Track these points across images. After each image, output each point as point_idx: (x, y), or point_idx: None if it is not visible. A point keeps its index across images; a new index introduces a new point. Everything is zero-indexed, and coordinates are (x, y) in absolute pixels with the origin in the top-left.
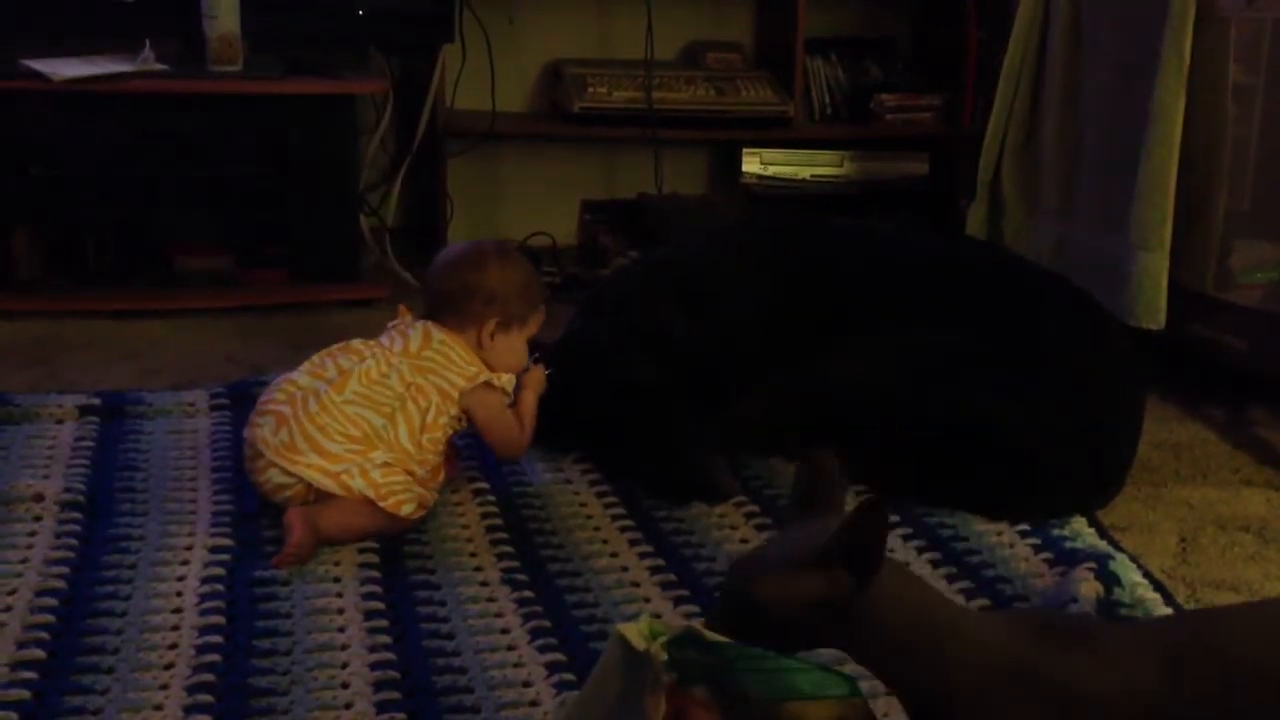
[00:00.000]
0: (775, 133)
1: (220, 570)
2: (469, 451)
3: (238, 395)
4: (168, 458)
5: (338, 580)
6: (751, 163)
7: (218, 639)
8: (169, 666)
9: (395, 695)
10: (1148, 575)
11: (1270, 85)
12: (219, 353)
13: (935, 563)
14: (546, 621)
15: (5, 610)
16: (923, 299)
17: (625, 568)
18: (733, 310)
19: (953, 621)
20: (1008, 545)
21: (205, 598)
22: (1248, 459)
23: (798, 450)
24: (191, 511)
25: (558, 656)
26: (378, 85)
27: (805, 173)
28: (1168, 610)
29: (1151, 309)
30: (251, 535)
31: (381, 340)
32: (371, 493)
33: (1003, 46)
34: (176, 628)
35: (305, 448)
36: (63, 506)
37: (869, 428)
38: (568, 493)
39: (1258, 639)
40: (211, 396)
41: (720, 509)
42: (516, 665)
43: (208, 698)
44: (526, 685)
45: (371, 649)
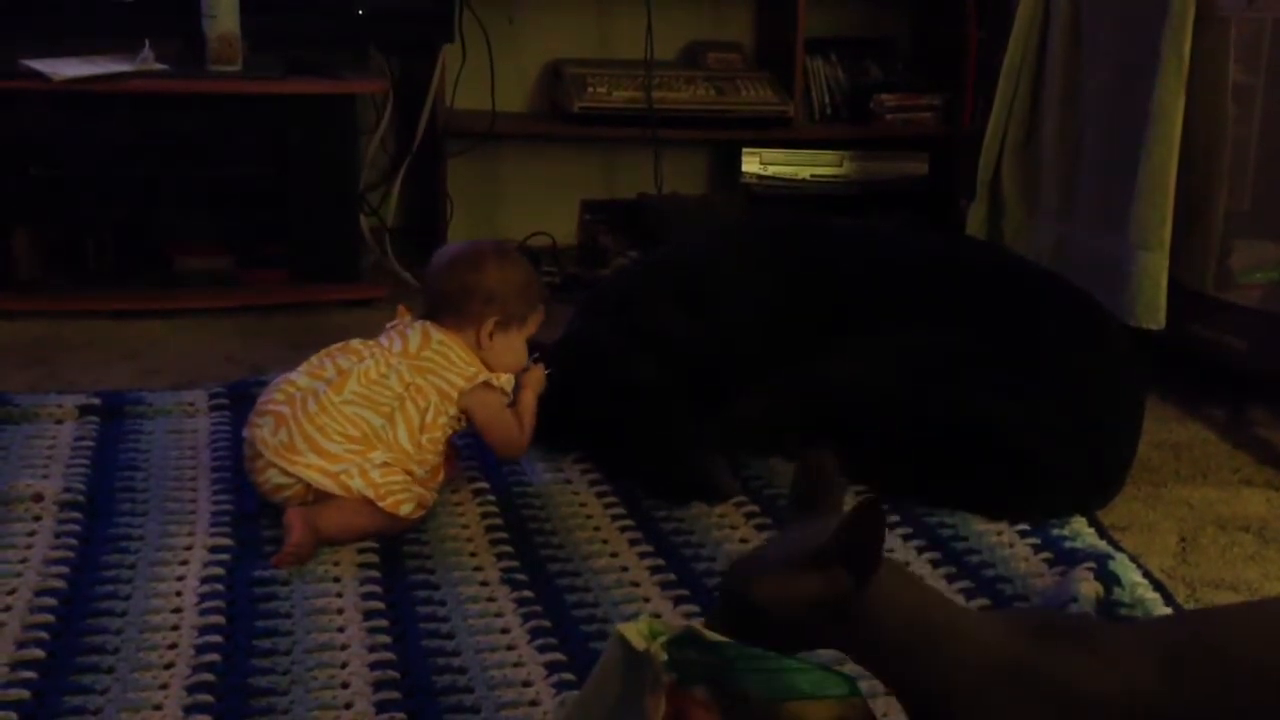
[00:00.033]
0: (775, 133)
1: (220, 570)
2: (469, 451)
3: (237, 395)
4: (167, 458)
5: (337, 580)
6: (751, 163)
7: (217, 639)
8: (169, 666)
9: (395, 695)
10: (1147, 575)
11: (1270, 85)
12: (219, 353)
13: (935, 562)
14: (546, 621)
15: (5, 610)
16: (923, 299)
17: (625, 568)
18: (733, 310)
19: (951, 621)
20: (1007, 545)
21: (205, 597)
22: (1248, 459)
23: (798, 450)
24: (191, 511)
25: (557, 656)
26: (378, 85)
27: (805, 173)
28: (1167, 610)
29: (1151, 309)
30: (251, 535)
31: (380, 340)
32: (371, 493)
33: (1003, 46)
34: (176, 627)
35: (304, 448)
36: (62, 506)
37: (869, 428)
38: (567, 493)
39: (1258, 639)
40: (211, 396)
41: (720, 509)
42: (516, 665)
43: (207, 697)
44: (526, 685)
45: (371, 649)
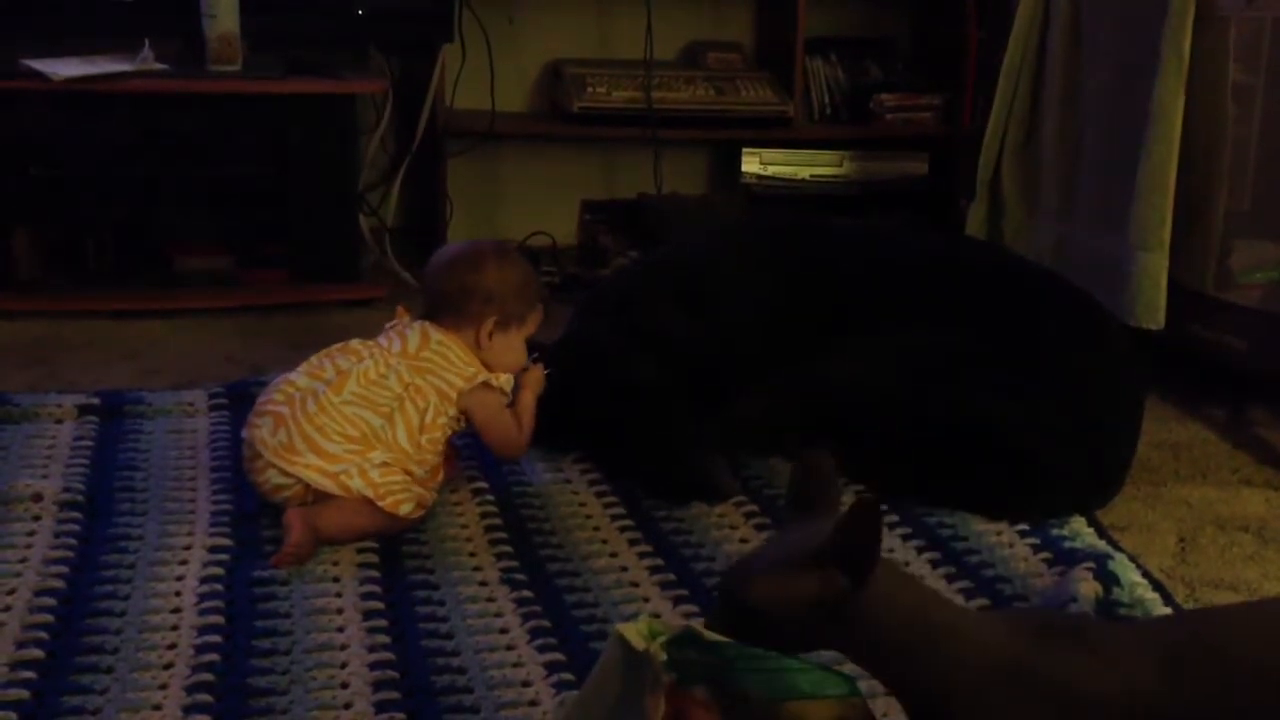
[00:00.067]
0: (775, 133)
1: (219, 570)
2: (468, 451)
3: (237, 395)
4: (167, 457)
5: (337, 580)
6: (751, 163)
7: (217, 639)
8: (168, 666)
9: (394, 695)
10: (1147, 575)
11: (1270, 85)
12: (219, 353)
13: (934, 562)
14: (546, 621)
15: (4, 610)
16: (923, 299)
17: (625, 568)
18: (733, 310)
19: (950, 621)
20: (1007, 545)
21: (204, 597)
22: (1247, 459)
23: (797, 450)
24: (190, 511)
25: (557, 656)
26: (378, 85)
27: (805, 173)
28: (1167, 610)
29: (1151, 309)
30: (250, 535)
31: (380, 341)
32: (370, 492)
33: (1003, 46)
34: (175, 627)
35: (304, 448)
36: (62, 506)
37: (869, 428)
38: (567, 493)
39: (1257, 639)
40: (210, 396)
41: (720, 509)
42: (516, 665)
43: (207, 698)
44: (526, 685)
45: (371, 649)
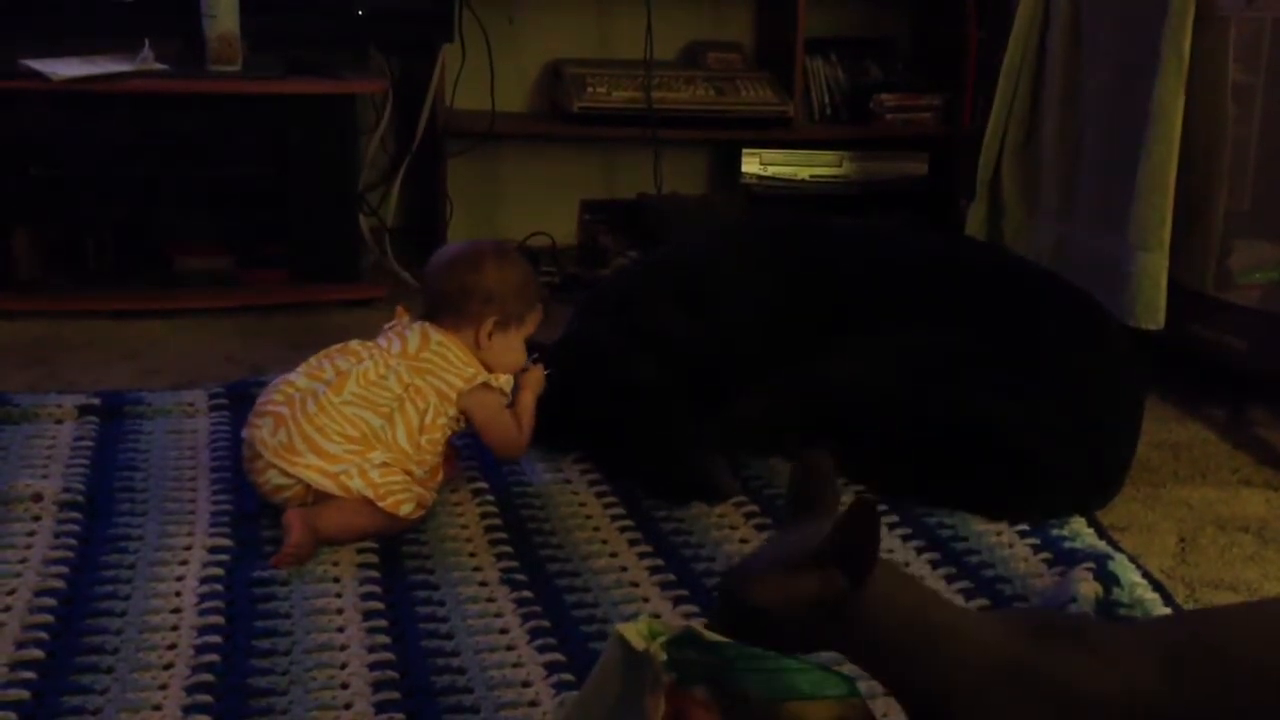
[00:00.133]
0: (775, 133)
1: (219, 570)
2: (468, 452)
3: (237, 395)
4: (167, 458)
5: (337, 580)
6: (751, 163)
7: (217, 639)
8: (168, 666)
9: (394, 695)
10: (1147, 575)
11: (1270, 85)
12: (219, 353)
13: (934, 563)
14: (546, 622)
15: (4, 610)
16: (923, 299)
17: (624, 568)
18: (733, 310)
19: (950, 621)
20: (1007, 545)
21: (204, 598)
22: (1247, 459)
23: (797, 450)
24: (190, 512)
25: (557, 657)
26: (378, 85)
27: (805, 173)
28: (1167, 610)
29: (1151, 309)
30: (250, 535)
31: (379, 342)
32: (370, 493)
33: (1003, 46)
34: (175, 628)
35: (304, 448)
36: (62, 506)
37: (869, 428)
38: (567, 493)
39: (1257, 639)
40: (211, 396)
41: (720, 509)
42: (515, 665)
43: (207, 698)
44: (525, 685)
45: (370, 649)
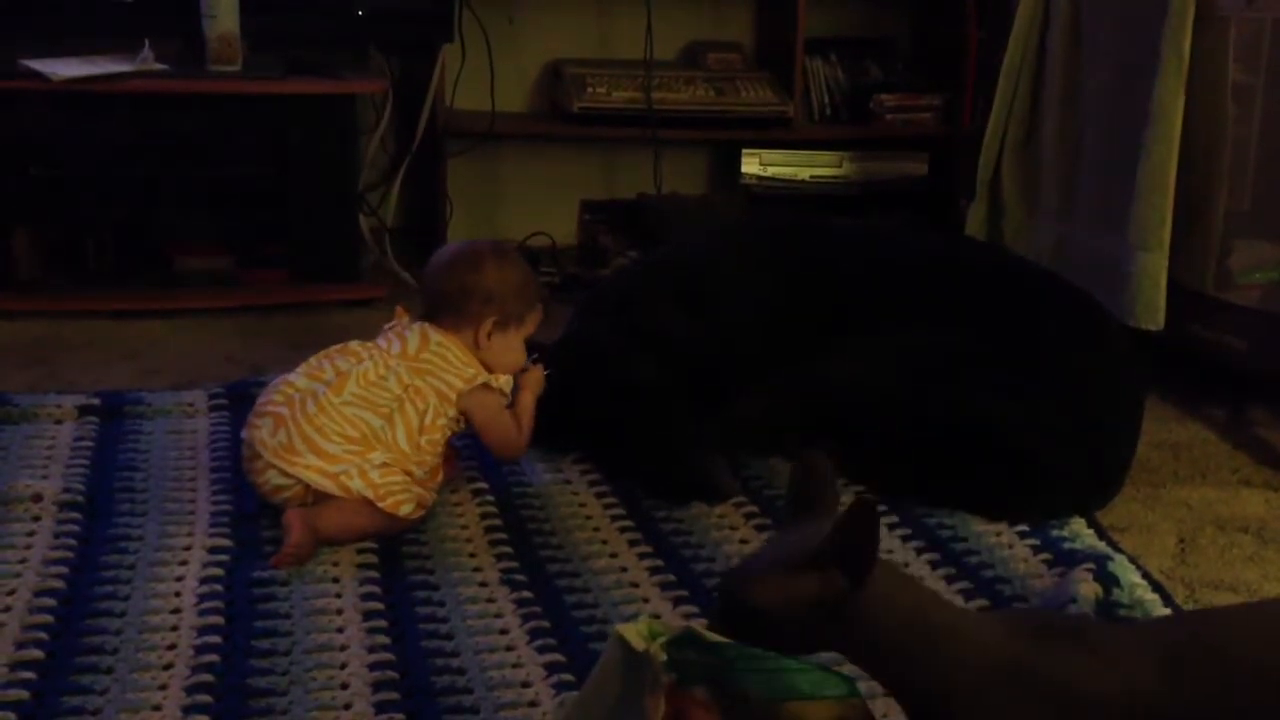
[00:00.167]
0: (775, 133)
1: (219, 570)
2: (468, 452)
3: (236, 395)
4: (167, 458)
5: (336, 581)
6: (751, 163)
7: (216, 639)
8: (168, 667)
9: (394, 696)
10: (1146, 576)
11: (1270, 85)
12: (219, 353)
13: (934, 563)
14: (545, 622)
15: (4, 610)
16: (923, 299)
17: (624, 568)
18: (733, 310)
19: (949, 622)
20: (1007, 546)
21: (204, 598)
22: (1247, 459)
23: (797, 450)
24: (190, 512)
25: (557, 657)
26: (378, 85)
27: (805, 173)
28: (1166, 611)
29: (1151, 309)
30: (250, 536)
31: (379, 342)
32: (370, 493)
33: (1003, 46)
34: (175, 628)
35: (303, 449)
36: (61, 507)
37: (869, 428)
38: (567, 493)
39: (1257, 639)
40: (210, 397)
41: (720, 509)
42: (515, 666)
43: (206, 698)
44: (525, 686)
45: (370, 649)
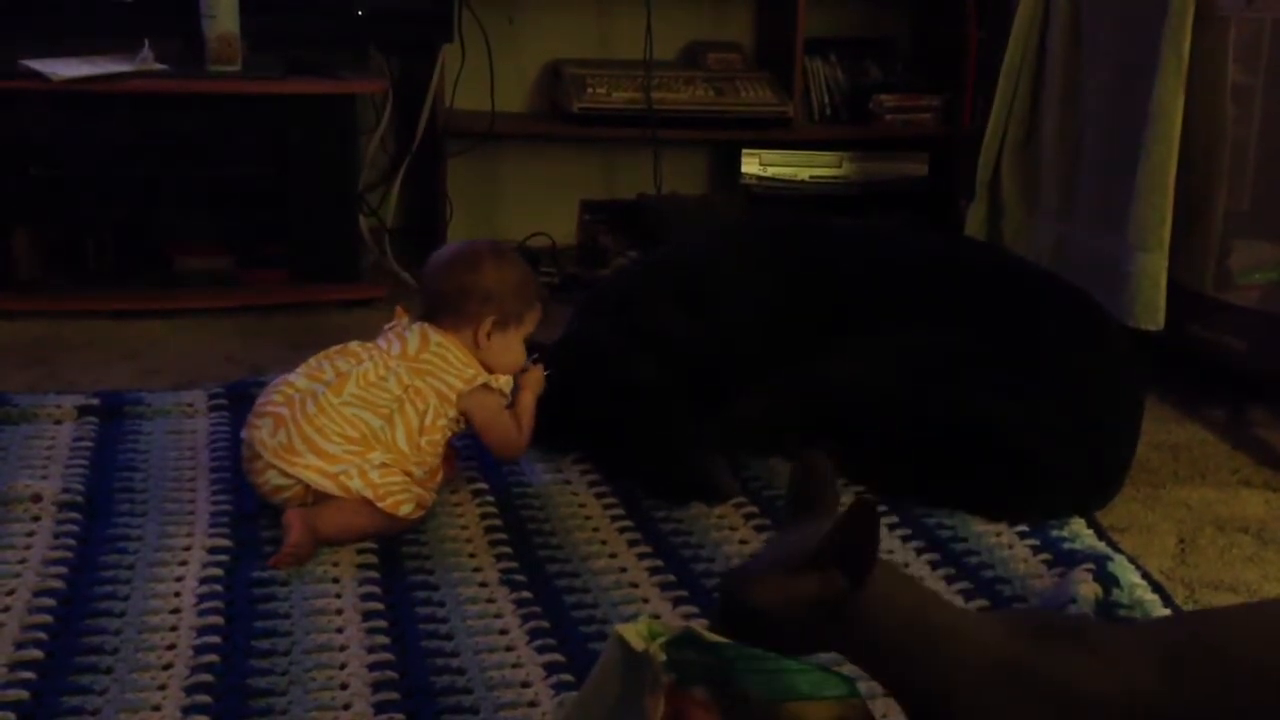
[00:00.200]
0: (775, 133)
1: (219, 571)
2: (468, 452)
3: (236, 395)
4: (166, 458)
5: (336, 581)
6: (751, 163)
7: (216, 639)
8: (167, 667)
9: (394, 696)
10: (1146, 576)
11: (1270, 85)
12: (219, 353)
13: (934, 564)
14: (545, 622)
15: (3, 610)
16: (923, 299)
17: (624, 568)
18: (733, 310)
19: (949, 622)
20: (1007, 546)
21: (204, 598)
22: (1247, 460)
23: (797, 450)
24: (190, 512)
25: (556, 657)
26: (377, 85)
27: (805, 173)
28: (1166, 611)
29: (1150, 309)
30: (250, 536)
31: (379, 343)
32: (370, 493)
33: (1003, 46)
34: (175, 628)
35: (303, 449)
36: (61, 507)
37: (869, 428)
38: (567, 493)
39: (1257, 639)
40: (210, 397)
41: (719, 509)
42: (515, 666)
43: (206, 698)
44: (525, 686)
45: (370, 649)
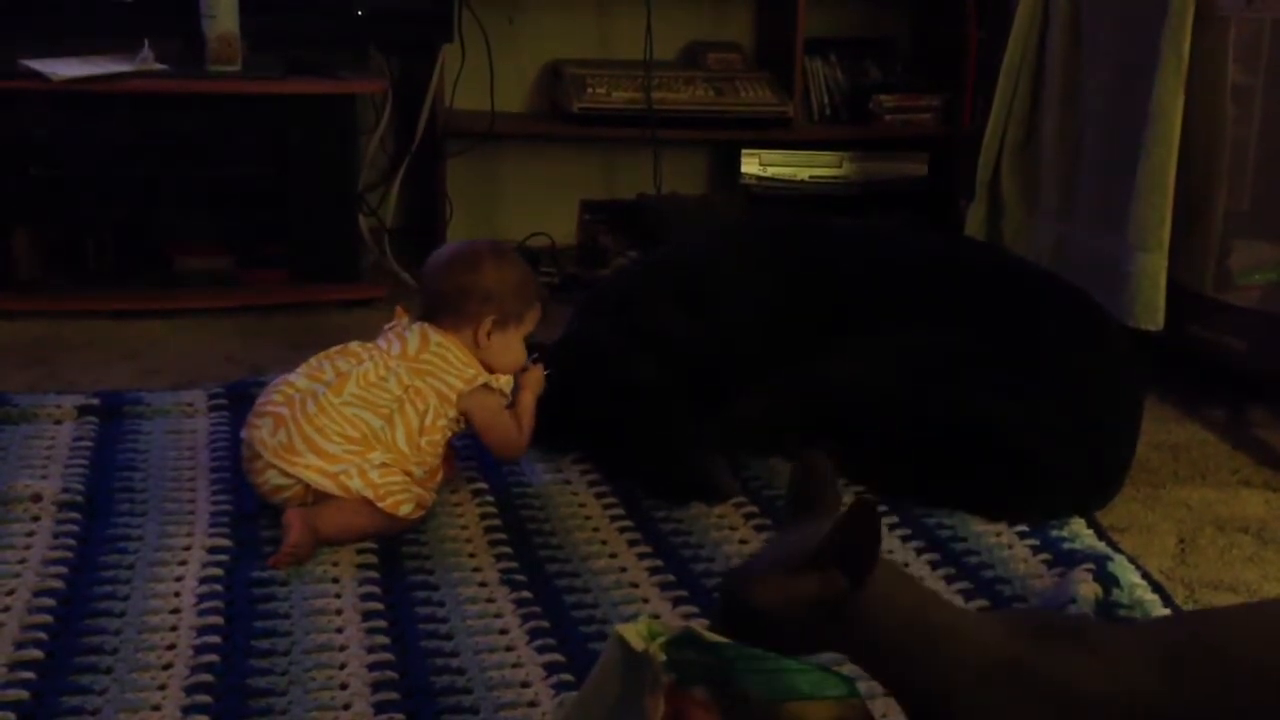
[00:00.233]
0: (774, 133)
1: (218, 571)
2: (468, 452)
3: (236, 395)
4: (166, 458)
5: (336, 581)
6: (751, 163)
7: (216, 639)
8: (167, 667)
9: (394, 696)
10: (1146, 576)
11: (1269, 85)
12: (219, 353)
13: (934, 564)
14: (545, 622)
15: (3, 610)
16: (923, 299)
17: (624, 568)
18: (733, 310)
19: (950, 621)
20: (1006, 546)
21: (203, 598)
22: (1246, 460)
23: (797, 450)
24: (190, 512)
25: (556, 657)
26: (377, 85)
27: (804, 173)
28: (1166, 611)
29: (1150, 309)
30: (250, 536)
31: (379, 343)
32: (370, 493)
33: (1003, 46)
34: (175, 628)
35: (303, 449)
36: (61, 507)
37: (869, 428)
38: (566, 493)
39: (1257, 639)
40: (210, 397)
41: (719, 509)
42: (515, 666)
43: (206, 698)
44: (525, 686)
45: (370, 649)
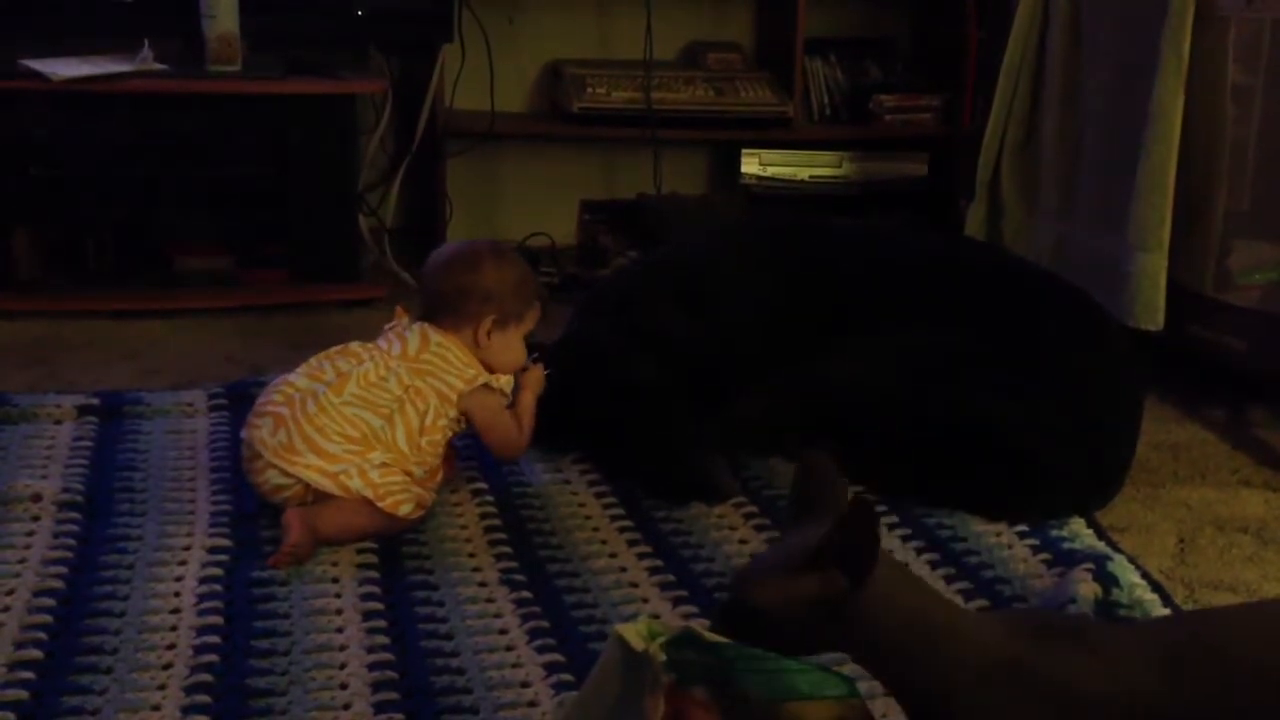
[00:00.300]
0: (774, 133)
1: (218, 570)
2: (468, 452)
3: (236, 395)
4: (166, 458)
5: (336, 581)
6: (751, 163)
7: (216, 639)
8: (167, 667)
9: (393, 696)
10: (1146, 576)
11: (1269, 85)
12: (219, 353)
13: (934, 563)
14: (545, 622)
15: (3, 610)
16: (923, 299)
17: (624, 568)
18: (733, 310)
19: (950, 621)
20: (1006, 546)
21: (203, 598)
22: (1246, 460)
23: (798, 450)
24: (190, 512)
25: (556, 657)
26: (377, 85)
27: (804, 173)
28: (1166, 611)
29: (1150, 309)
30: (250, 536)
31: (379, 343)
32: (370, 493)
33: (1003, 46)
34: (174, 628)
35: (304, 448)
36: (61, 506)
37: (869, 428)
38: (566, 493)
39: (1257, 639)
40: (210, 397)
41: (719, 509)
42: (515, 666)
43: (205, 698)
44: (525, 686)
45: (370, 649)
